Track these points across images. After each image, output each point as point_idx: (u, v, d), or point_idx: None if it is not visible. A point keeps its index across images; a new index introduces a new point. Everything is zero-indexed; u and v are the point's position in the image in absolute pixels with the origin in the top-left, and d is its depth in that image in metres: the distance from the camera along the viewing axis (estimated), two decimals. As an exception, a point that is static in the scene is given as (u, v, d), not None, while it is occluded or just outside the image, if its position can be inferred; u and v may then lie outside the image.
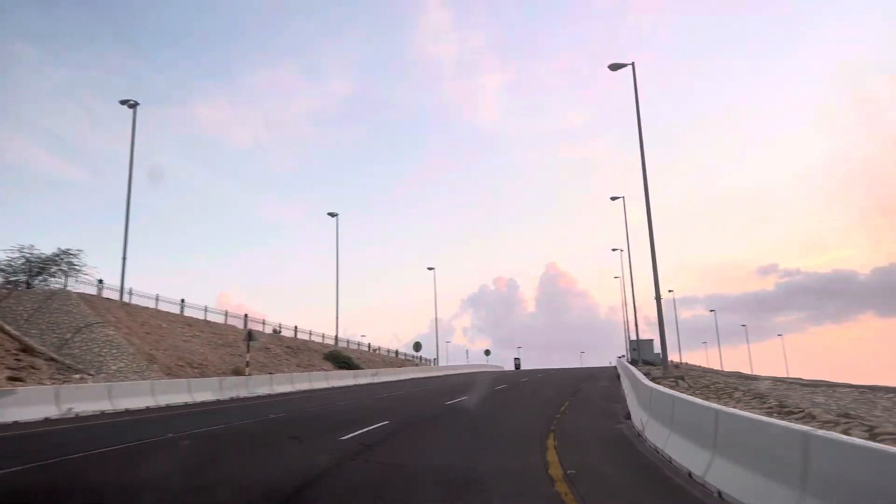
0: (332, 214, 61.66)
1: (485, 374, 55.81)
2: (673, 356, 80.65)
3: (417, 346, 61.86)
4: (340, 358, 49.61)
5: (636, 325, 61.85)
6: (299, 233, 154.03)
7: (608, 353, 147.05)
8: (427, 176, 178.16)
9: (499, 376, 49.64)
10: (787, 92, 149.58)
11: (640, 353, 65.80)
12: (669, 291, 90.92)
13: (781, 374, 70.50)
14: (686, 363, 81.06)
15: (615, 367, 59.54)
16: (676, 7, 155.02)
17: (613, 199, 57.09)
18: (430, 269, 76.72)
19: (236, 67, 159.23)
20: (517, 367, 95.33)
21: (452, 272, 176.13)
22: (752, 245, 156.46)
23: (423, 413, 18.10)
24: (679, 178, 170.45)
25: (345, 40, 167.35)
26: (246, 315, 49.00)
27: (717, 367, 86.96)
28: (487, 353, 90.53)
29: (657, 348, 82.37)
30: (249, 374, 32.05)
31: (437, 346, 76.07)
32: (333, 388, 35.48)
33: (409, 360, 69.34)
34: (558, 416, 16.44)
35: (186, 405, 23.30)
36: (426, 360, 77.51)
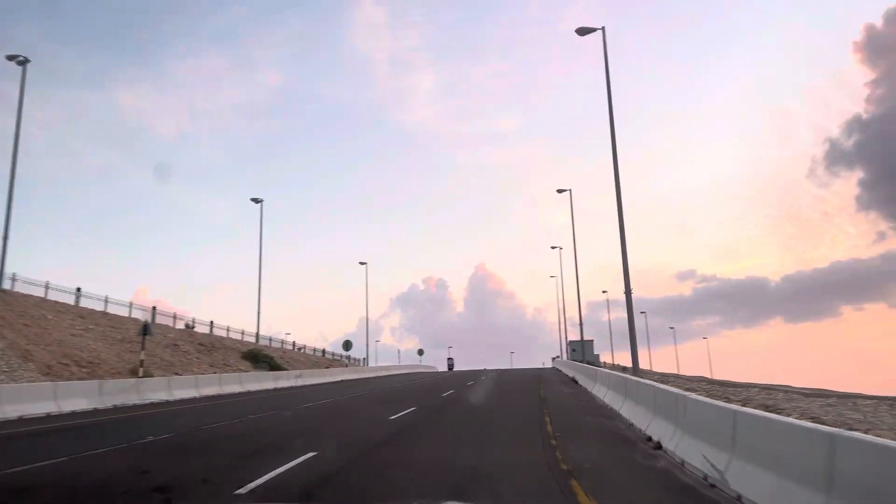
0: (255, 200, 57.14)
1: (421, 377, 51.30)
2: (605, 357, 79.27)
3: (347, 345, 56.54)
4: (261, 357, 44.56)
5: (581, 324, 61.37)
6: (225, 227, 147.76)
7: (536, 354, 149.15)
8: (358, 173, 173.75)
9: (438, 379, 45.05)
10: (709, 103, 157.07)
11: (583, 353, 63.04)
12: (604, 292, 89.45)
13: (706, 375, 69.37)
14: (619, 364, 79.73)
15: (556, 369, 57.37)
16: (604, 14, 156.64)
17: (560, 191, 54.53)
18: (362, 263, 71.99)
19: (160, 53, 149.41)
20: (451, 367, 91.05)
21: (382, 271, 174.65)
22: (672, 251, 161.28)
23: (364, 437, 12.99)
24: (606, 184, 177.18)
25: (276, 31, 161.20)
26: (154, 307, 42.93)
27: (646, 367, 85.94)
28: (421, 352, 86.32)
29: (597, 349, 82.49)
30: (142, 376, 26.28)
31: (368, 345, 71.80)
32: (248, 394, 30.02)
33: (336, 360, 64.08)
34: (553, 441, 11.86)
35: (49, 417, 17.72)
36: (355, 359, 73.35)
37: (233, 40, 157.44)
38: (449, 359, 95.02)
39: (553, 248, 69.99)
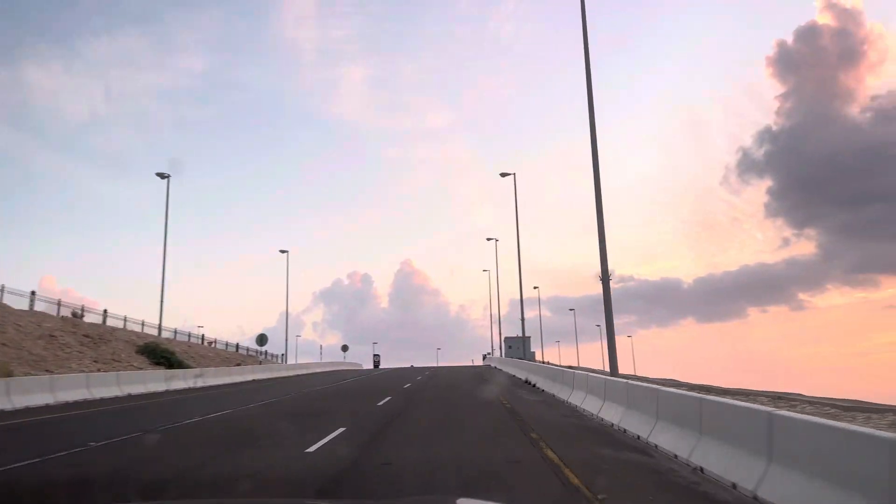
0: (161, 175, 49.44)
1: (346, 376, 45.22)
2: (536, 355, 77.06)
3: (262, 340, 49.57)
4: (160, 353, 38.11)
5: (522, 319, 53.42)
6: (140, 214, 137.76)
7: (462, 351, 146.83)
8: (282, 164, 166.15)
9: (366, 380, 39.03)
10: (631, 110, 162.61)
11: (524, 350, 60.07)
12: (535, 288, 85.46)
13: (629, 372, 66.96)
14: (549, 362, 76.30)
15: (496, 368, 51.14)
16: (535, 15, 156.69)
17: (503, 175, 50.81)
18: (282, 251, 65.00)
19: (75, 30, 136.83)
20: (377, 365, 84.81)
21: (305, 265, 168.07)
22: (593, 252, 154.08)
23: None
24: (529, 184, 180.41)
25: (200, 14, 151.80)
26: (33, 292, 35.72)
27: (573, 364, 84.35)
28: (345, 349, 78.60)
29: (533, 346, 78.44)
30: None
31: (287, 340, 64.63)
32: (127, 399, 23.55)
33: (252, 357, 57.15)
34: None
35: None
36: (273, 356, 66.84)
37: (154, 21, 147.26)
38: (375, 356, 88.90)
39: (489, 239, 66.42)
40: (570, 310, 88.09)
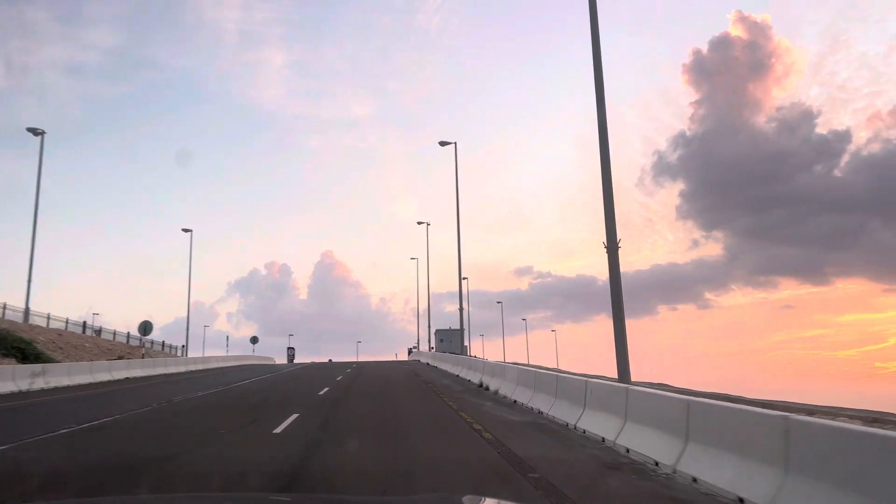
0: (34, 132, 42.55)
1: (248, 373, 37.15)
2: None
3: (145, 328, 40.08)
4: (10, 342, 30.85)
5: (462, 309, 46.75)
6: (37, 197, 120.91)
7: (382, 344, 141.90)
8: (198, 148, 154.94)
9: (275, 379, 31.09)
10: (553, 109, 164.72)
11: (461, 345, 50.51)
12: (464, 279, 75.99)
13: (552, 364, 65.22)
14: (474, 355, 70.68)
15: (428, 365, 45.20)
16: (462, 10, 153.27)
17: (443, 143, 45.75)
18: (185, 230, 56.94)
19: None
20: (291, 358, 76.84)
21: (221, 254, 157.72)
22: (512, 247, 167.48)
23: None
24: (451, 178, 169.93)
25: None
26: None
27: (499, 358, 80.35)
28: (254, 340, 69.12)
29: (466, 340, 71.63)
30: None
31: (188, 330, 56.65)
32: None
33: (141, 349, 47.96)
34: None
35: None
36: (172, 347, 59.17)
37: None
38: (290, 349, 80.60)
39: (420, 223, 60.60)
40: (498, 302, 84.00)
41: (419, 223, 61.87)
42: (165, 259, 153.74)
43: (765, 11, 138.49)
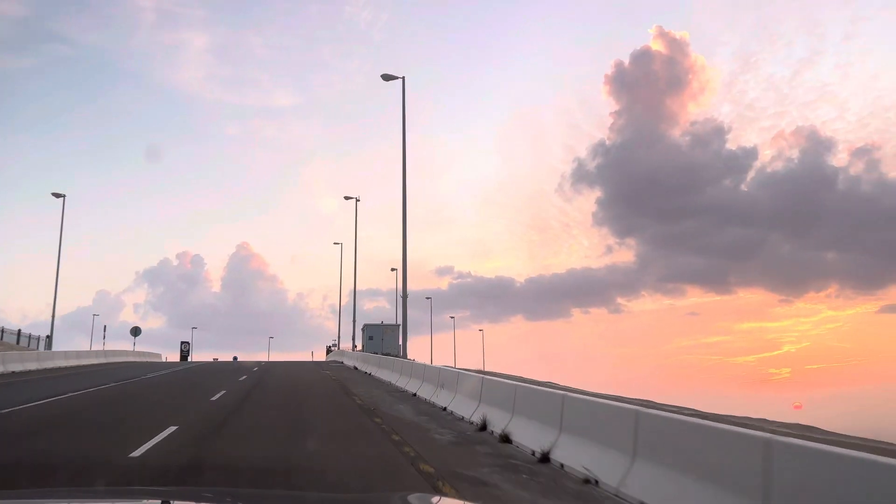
0: None
1: (98, 379, 27.75)
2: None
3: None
4: None
5: (405, 297, 33.60)
6: None
7: (298, 340, 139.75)
8: (108, 130, 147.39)
9: (111, 395, 20.48)
10: (479, 113, 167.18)
11: (400, 344, 43.24)
12: (392, 270, 66.44)
13: (478, 366, 63.54)
14: (412, 359, 64.89)
15: (354, 368, 36.34)
16: (393, 6, 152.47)
17: (387, 78, 37.06)
18: (56, 195, 49.46)
19: None
20: (185, 355, 67.44)
21: (130, 242, 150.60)
22: (433, 247, 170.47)
23: None
24: (373, 175, 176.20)
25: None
26: None
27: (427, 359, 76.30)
28: (136, 332, 56.84)
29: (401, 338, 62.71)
30: None
31: (53, 318, 47.39)
32: None
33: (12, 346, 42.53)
34: None
35: None
36: (34, 338, 50.53)
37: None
38: (183, 344, 70.67)
39: (348, 198, 55.68)
40: (427, 298, 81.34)
41: (347, 198, 55.14)
42: (68, 246, 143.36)
43: (684, 29, 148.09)
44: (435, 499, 3.42)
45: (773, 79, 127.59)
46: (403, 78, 35.87)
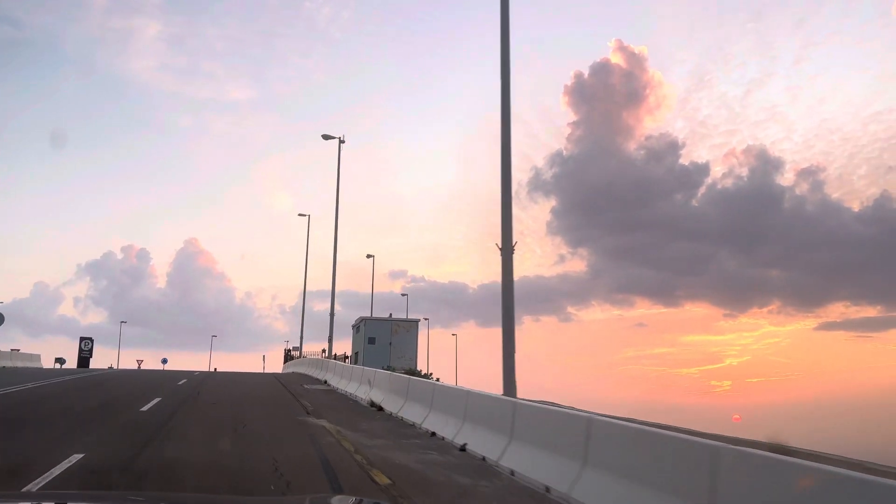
0: None
1: None
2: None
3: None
4: None
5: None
6: None
7: (244, 340, 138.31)
8: (50, 116, 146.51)
9: None
10: (435, 116, 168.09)
11: (403, 347, 40.23)
12: (368, 256, 55.14)
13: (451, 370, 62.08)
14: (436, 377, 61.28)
15: (366, 404, 18.68)
16: (354, 3, 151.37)
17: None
18: None
19: None
20: (85, 360, 53.10)
21: (72, 233, 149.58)
22: (387, 250, 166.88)
23: None
24: (327, 176, 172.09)
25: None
26: None
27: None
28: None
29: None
30: None
31: None
32: None
33: None
34: None
35: None
36: None
37: None
38: (83, 342, 54.95)
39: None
40: (403, 294, 68.96)
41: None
42: (4, 229, 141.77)
43: (642, 43, 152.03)
44: (343, 499, 3.49)
45: (725, 97, 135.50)
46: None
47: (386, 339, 41.12)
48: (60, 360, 53.31)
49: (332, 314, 34.81)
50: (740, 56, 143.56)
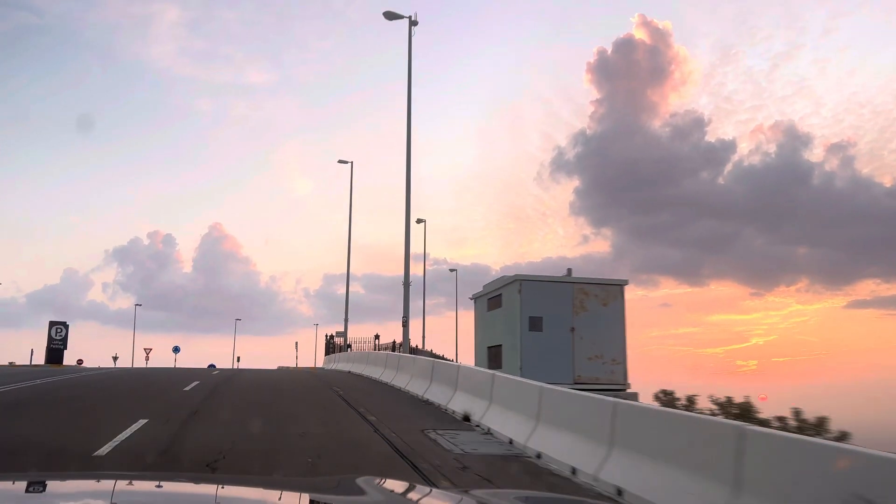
0: None
1: None
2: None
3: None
4: None
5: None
6: None
7: (268, 324, 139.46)
8: (74, 105, 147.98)
9: None
10: (455, 96, 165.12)
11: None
12: (419, 221, 50.47)
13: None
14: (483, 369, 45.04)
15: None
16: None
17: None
18: None
19: None
20: (55, 355, 44.44)
21: (99, 219, 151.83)
22: (412, 232, 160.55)
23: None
24: (347, 157, 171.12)
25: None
26: None
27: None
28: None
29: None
30: None
31: None
32: None
33: None
34: None
35: None
36: None
37: None
38: (55, 328, 45.54)
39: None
40: (452, 270, 61.13)
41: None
42: (32, 220, 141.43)
43: (666, 18, 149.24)
44: (385, 482, 3.54)
45: (751, 71, 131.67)
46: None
47: (564, 319, 22.38)
48: (54, 356, 44.62)
49: (406, 284, 24.67)
50: (766, 28, 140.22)
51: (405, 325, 25.30)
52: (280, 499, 3.37)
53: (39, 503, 2.78)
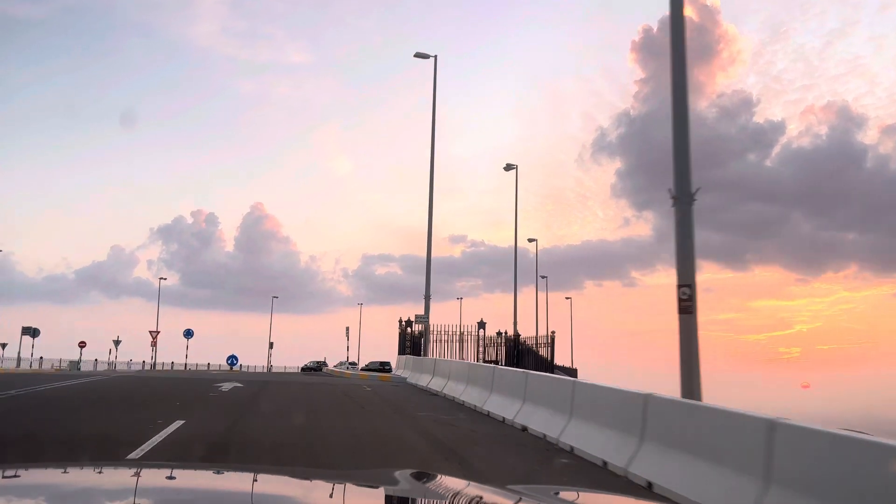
0: None
1: None
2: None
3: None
4: None
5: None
6: None
7: (308, 303, 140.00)
8: (119, 84, 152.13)
9: None
10: (494, 78, 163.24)
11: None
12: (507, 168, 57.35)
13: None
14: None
15: None
16: None
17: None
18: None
19: None
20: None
21: (145, 198, 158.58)
22: (447, 215, 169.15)
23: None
24: (384, 138, 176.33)
25: None
26: None
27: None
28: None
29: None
30: None
31: None
32: None
33: None
34: None
35: None
36: None
37: None
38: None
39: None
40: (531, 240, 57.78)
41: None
42: (83, 195, 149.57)
43: None
44: (402, 473, 3.58)
45: (802, 50, 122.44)
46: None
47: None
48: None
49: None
50: (819, 4, 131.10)
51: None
52: (331, 493, 3.45)
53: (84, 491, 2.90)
